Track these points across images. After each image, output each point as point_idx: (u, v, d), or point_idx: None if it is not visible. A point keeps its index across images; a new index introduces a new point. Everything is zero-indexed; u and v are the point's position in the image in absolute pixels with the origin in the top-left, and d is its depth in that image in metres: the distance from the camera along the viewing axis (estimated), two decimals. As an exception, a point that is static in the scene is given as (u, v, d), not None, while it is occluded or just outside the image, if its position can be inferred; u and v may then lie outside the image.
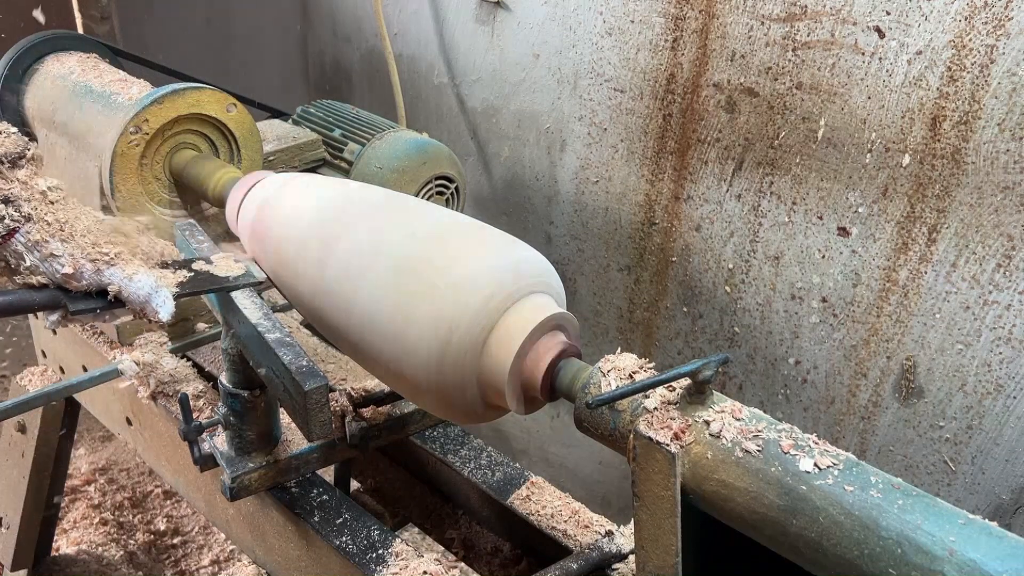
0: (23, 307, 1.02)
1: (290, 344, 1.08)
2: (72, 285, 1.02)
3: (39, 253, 1.00)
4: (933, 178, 1.49)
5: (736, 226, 1.80)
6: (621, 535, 1.27)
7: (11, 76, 1.63)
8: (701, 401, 0.87)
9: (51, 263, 1.01)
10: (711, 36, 1.70)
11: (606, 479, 2.35)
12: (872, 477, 0.77)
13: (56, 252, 1.01)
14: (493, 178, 2.29)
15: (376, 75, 2.54)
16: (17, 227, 1.00)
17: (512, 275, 0.99)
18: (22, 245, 1.00)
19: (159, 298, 1.04)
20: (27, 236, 1.00)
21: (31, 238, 1.00)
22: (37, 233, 1.01)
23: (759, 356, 1.86)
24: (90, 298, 1.04)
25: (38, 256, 1.01)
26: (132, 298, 1.04)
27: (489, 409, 1.04)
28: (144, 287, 1.04)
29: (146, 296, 1.04)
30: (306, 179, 1.25)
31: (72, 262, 1.01)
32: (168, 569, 2.31)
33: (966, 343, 1.53)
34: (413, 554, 1.18)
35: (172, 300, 1.05)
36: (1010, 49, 1.35)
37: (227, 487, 1.20)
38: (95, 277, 1.02)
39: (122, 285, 1.03)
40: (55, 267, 1.01)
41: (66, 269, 1.01)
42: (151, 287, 1.04)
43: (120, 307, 1.05)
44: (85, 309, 1.04)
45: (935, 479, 1.66)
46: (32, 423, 1.94)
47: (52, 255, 1.01)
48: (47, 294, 1.02)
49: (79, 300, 1.03)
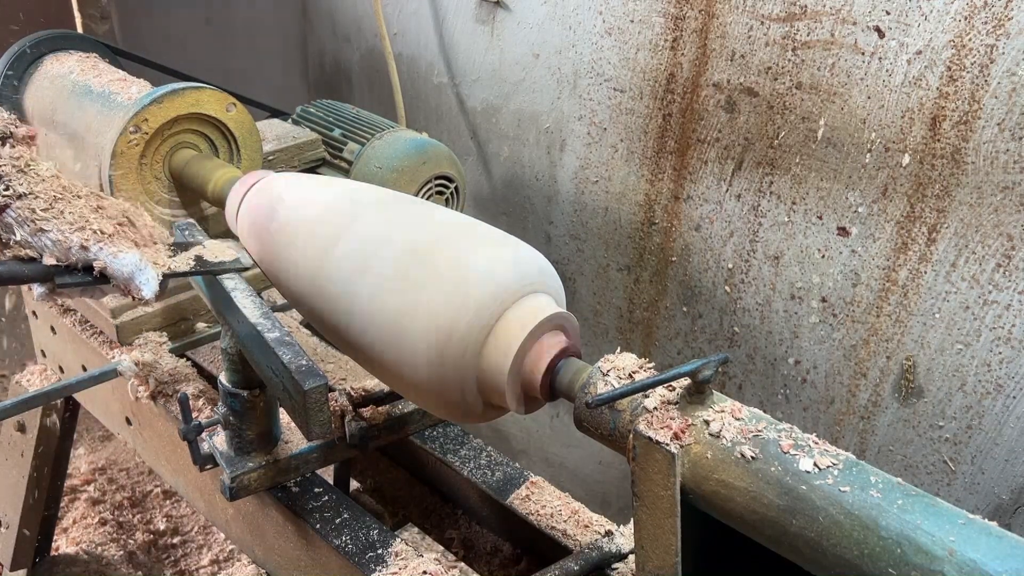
0: (12, 278, 1.07)
1: (290, 343, 1.08)
2: (60, 260, 1.05)
3: (29, 228, 1.04)
4: (933, 178, 1.49)
5: (736, 226, 1.80)
6: (621, 535, 1.27)
7: (10, 76, 1.63)
8: (701, 401, 0.87)
9: (40, 238, 1.04)
10: (711, 36, 1.70)
11: (606, 479, 2.35)
12: (872, 477, 0.77)
13: (45, 228, 1.04)
14: (493, 178, 2.29)
15: (376, 75, 2.54)
16: (8, 203, 1.05)
17: (512, 275, 0.99)
18: (13, 219, 1.04)
19: (143, 276, 1.08)
20: (18, 212, 1.04)
21: (22, 213, 1.04)
22: (27, 209, 1.05)
23: (759, 356, 1.86)
24: (77, 273, 1.07)
25: (28, 231, 1.04)
26: (117, 275, 1.07)
27: (489, 409, 1.04)
28: (128, 265, 1.07)
29: (130, 273, 1.08)
30: (306, 179, 1.25)
31: (60, 237, 1.04)
32: (168, 569, 2.31)
33: (966, 343, 1.53)
34: (413, 554, 1.18)
35: (156, 279, 1.09)
36: (1010, 49, 1.35)
37: (227, 487, 1.20)
38: (82, 253, 1.06)
39: (107, 262, 1.06)
40: (44, 242, 1.04)
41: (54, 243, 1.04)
42: (135, 265, 1.08)
43: (105, 283, 1.09)
44: (71, 283, 1.07)
45: (935, 479, 1.66)
46: (32, 423, 1.94)
47: (41, 230, 1.04)
48: (36, 267, 1.06)
49: (66, 274, 1.07)
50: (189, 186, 1.46)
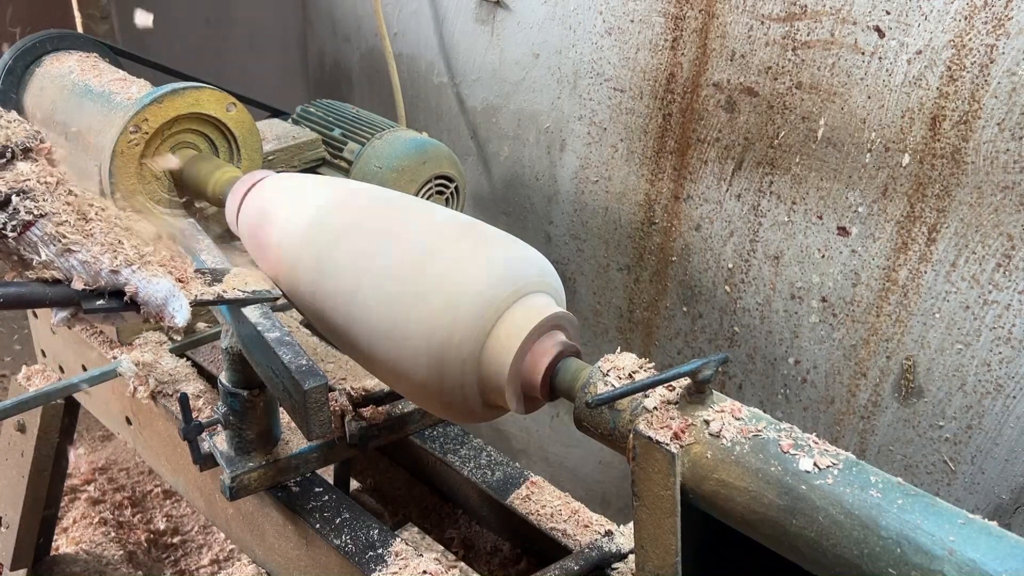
0: (35, 300, 0.99)
1: (290, 343, 1.08)
2: (88, 283, 0.98)
3: (55, 247, 0.97)
4: (933, 178, 1.49)
5: (736, 226, 1.80)
6: (621, 535, 1.27)
7: (10, 75, 1.63)
8: (701, 401, 0.87)
9: (68, 258, 0.97)
10: (711, 36, 1.70)
11: (606, 479, 2.35)
12: (872, 477, 0.77)
13: (73, 248, 0.97)
14: (493, 178, 2.29)
15: (376, 74, 2.54)
16: (33, 220, 0.97)
17: (512, 275, 0.99)
18: (38, 238, 0.97)
19: (176, 303, 1.01)
20: (43, 229, 0.97)
21: (48, 231, 0.97)
22: (54, 228, 0.97)
23: (759, 356, 1.86)
24: (104, 297, 1.00)
25: (54, 251, 0.97)
26: (150, 301, 1.00)
27: (489, 409, 1.04)
28: (162, 291, 1.00)
29: (163, 300, 1.00)
30: (306, 179, 1.25)
31: (89, 258, 0.97)
32: (168, 568, 2.31)
33: (966, 343, 1.53)
34: (413, 553, 1.18)
35: (188, 305, 1.02)
36: (1010, 49, 1.35)
37: (227, 486, 1.20)
38: (112, 277, 0.98)
39: (140, 286, 0.99)
40: (72, 263, 0.97)
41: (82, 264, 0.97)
42: (169, 291, 1.01)
43: (134, 309, 1.01)
44: (99, 308, 0.99)
45: (935, 479, 1.66)
46: (32, 423, 1.94)
47: (69, 251, 0.97)
48: (60, 290, 0.98)
49: (93, 299, 0.99)
50: (189, 186, 1.46)
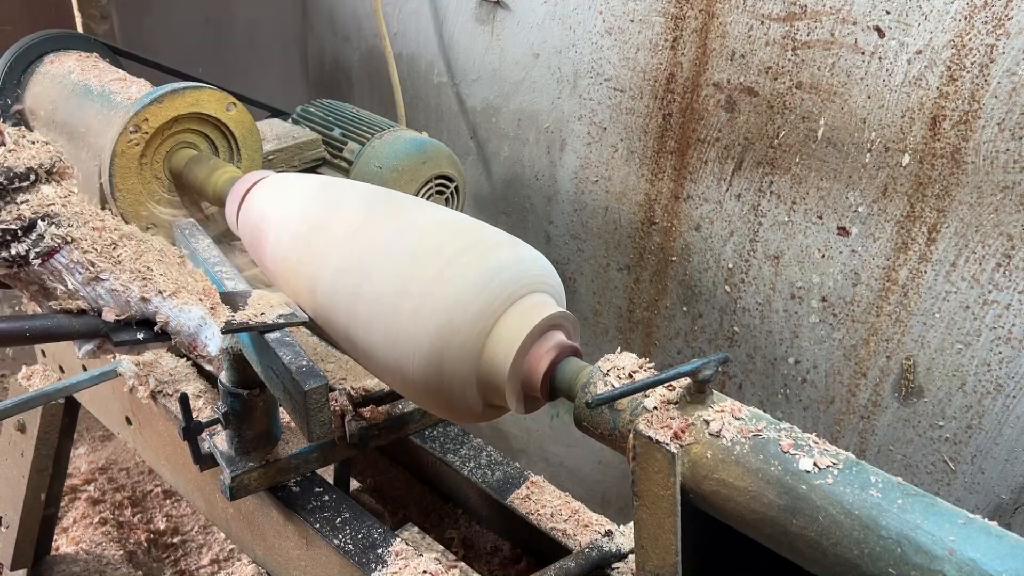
0: (61, 334, 0.92)
1: (290, 343, 1.08)
2: (117, 313, 0.93)
3: (82, 275, 0.91)
4: (933, 178, 1.49)
5: (736, 226, 1.80)
6: (621, 534, 1.27)
7: (10, 75, 1.63)
8: (701, 400, 0.87)
9: (95, 287, 0.91)
10: (711, 35, 1.70)
11: (606, 479, 2.35)
12: (872, 476, 0.77)
13: (102, 276, 0.92)
14: (493, 177, 2.29)
15: (376, 74, 2.54)
16: (57, 247, 0.91)
17: (512, 274, 0.99)
18: (62, 266, 0.91)
19: (208, 331, 0.96)
20: (69, 256, 0.91)
21: (74, 259, 0.91)
22: (81, 254, 0.92)
23: (759, 356, 1.86)
24: (133, 328, 0.94)
25: (80, 279, 0.91)
26: (182, 330, 0.95)
27: (489, 409, 1.04)
28: (194, 319, 0.95)
29: (195, 329, 0.95)
30: (306, 179, 1.25)
31: (118, 287, 0.92)
32: (168, 568, 2.31)
33: (966, 343, 1.53)
34: (413, 553, 1.18)
35: (220, 334, 0.98)
36: (1010, 49, 1.35)
37: (227, 486, 1.20)
38: (142, 305, 0.93)
39: (171, 316, 0.94)
40: (99, 292, 0.92)
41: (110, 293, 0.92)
42: (201, 319, 0.96)
43: (165, 340, 0.96)
44: (129, 340, 0.93)
45: (935, 479, 1.66)
46: (32, 423, 1.94)
47: (98, 279, 0.91)
48: (86, 321, 0.92)
49: (122, 330, 0.93)
50: (189, 186, 1.46)
